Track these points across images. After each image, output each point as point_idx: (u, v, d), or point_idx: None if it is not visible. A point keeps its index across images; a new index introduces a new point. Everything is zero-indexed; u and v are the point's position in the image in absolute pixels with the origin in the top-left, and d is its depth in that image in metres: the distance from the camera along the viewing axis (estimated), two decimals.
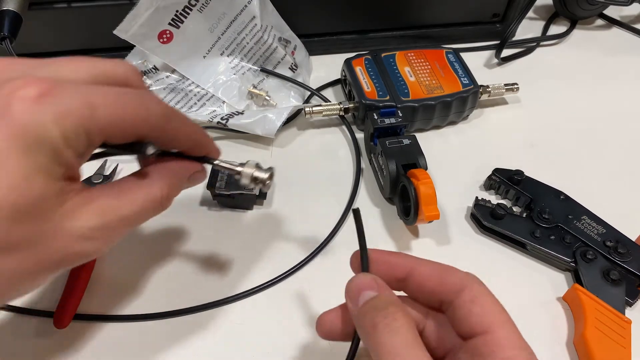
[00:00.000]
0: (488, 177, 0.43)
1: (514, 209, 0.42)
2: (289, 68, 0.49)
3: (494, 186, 0.43)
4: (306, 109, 0.45)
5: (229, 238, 0.39)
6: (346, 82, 0.49)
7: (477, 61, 0.55)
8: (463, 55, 0.50)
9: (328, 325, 0.27)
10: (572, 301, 0.36)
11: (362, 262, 0.27)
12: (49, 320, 0.33)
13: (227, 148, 0.45)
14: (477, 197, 0.41)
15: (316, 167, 0.44)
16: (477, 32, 0.57)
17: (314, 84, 0.51)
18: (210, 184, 0.39)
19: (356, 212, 0.29)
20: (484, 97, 0.49)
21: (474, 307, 0.24)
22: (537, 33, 0.60)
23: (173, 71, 0.47)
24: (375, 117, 0.42)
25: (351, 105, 0.46)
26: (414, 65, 0.48)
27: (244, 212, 0.40)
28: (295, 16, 0.50)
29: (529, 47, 0.57)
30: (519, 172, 0.42)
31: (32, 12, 0.41)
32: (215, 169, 0.39)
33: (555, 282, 0.38)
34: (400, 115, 0.43)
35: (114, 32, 0.42)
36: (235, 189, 0.39)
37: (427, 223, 0.38)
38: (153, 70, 0.47)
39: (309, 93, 0.49)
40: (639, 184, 0.45)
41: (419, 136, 0.42)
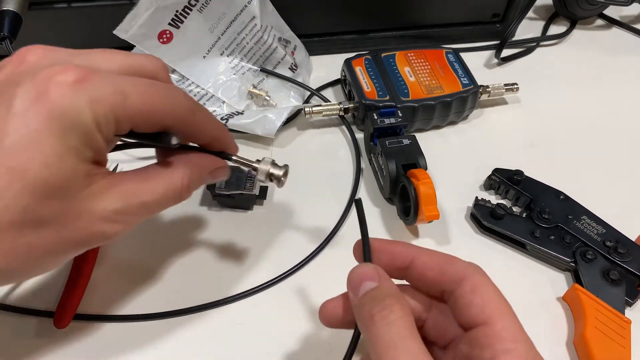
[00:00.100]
0: (488, 177, 0.43)
1: (514, 209, 0.42)
2: (289, 68, 0.49)
3: (493, 186, 0.43)
4: (306, 109, 0.45)
5: (229, 238, 0.39)
6: (346, 82, 0.49)
7: (477, 61, 0.55)
8: (463, 55, 0.50)
9: (330, 312, 0.27)
10: (572, 301, 0.36)
11: (364, 252, 0.27)
12: (49, 320, 0.33)
13: None
14: (477, 197, 0.41)
15: (316, 167, 0.44)
16: (477, 32, 0.57)
17: (314, 84, 0.51)
18: (210, 184, 0.39)
19: (358, 203, 0.29)
20: (484, 97, 0.49)
21: (474, 297, 0.24)
22: (537, 33, 0.60)
23: (173, 71, 0.47)
24: (375, 117, 0.42)
25: (351, 105, 0.46)
26: (414, 65, 0.48)
27: (244, 212, 0.41)
28: (295, 16, 0.50)
29: (529, 47, 0.57)
30: (519, 172, 0.42)
31: (32, 12, 0.41)
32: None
33: (555, 282, 0.38)
34: (400, 115, 0.43)
35: (114, 32, 0.42)
36: (235, 188, 0.39)
37: (427, 223, 0.38)
38: None
39: (309, 93, 0.49)
40: (639, 184, 0.45)
41: (419, 136, 0.42)
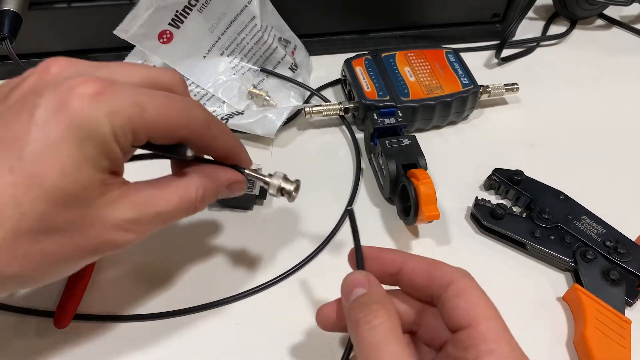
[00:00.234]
0: (488, 177, 0.43)
1: (514, 209, 0.42)
2: (289, 68, 0.49)
3: (494, 186, 0.43)
4: (306, 109, 0.45)
5: (229, 238, 0.39)
6: (346, 82, 0.49)
7: (477, 61, 0.55)
8: (463, 55, 0.50)
9: (325, 317, 0.29)
10: (572, 301, 0.36)
11: (357, 260, 0.28)
12: (49, 320, 0.33)
13: None
14: (477, 197, 0.41)
15: (316, 167, 0.44)
16: (477, 32, 0.57)
17: (314, 84, 0.51)
18: None
19: (350, 213, 0.30)
20: (484, 97, 0.49)
21: (459, 301, 0.25)
22: (537, 33, 0.60)
23: None
24: (375, 117, 0.42)
25: (351, 105, 0.46)
26: (414, 65, 0.48)
27: (244, 212, 0.40)
28: (295, 16, 0.50)
29: (529, 47, 0.57)
30: (519, 172, 0.42)
31: (32, 12, 0.41)
32: None
33: (555, 282, 0.38)
34: (400, 115, 0.43)
35: (114, 32, 0.42)
36: None
37: (427, 223, 0.38)
38: None
39: (309, 93, 0.49)
40: (639, 184, 0.45)
41: (419, 136, 0.42)
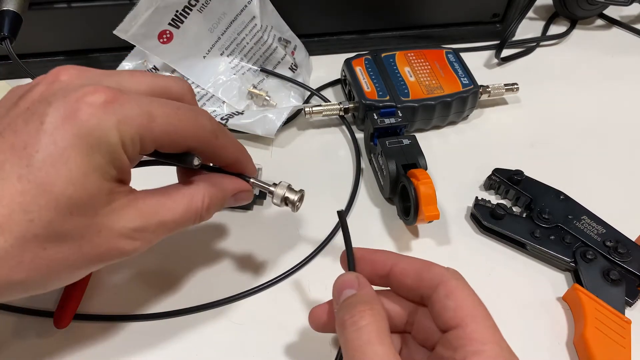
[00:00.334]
0: (488, 177, 0.43)
1: (514, 209, 0.42)
2: (289, 68, 0.49)
3: (494, 186, 0.43)
4: (306, 109, 0.45)
5: (228, 238, 0.39)
6: (346, 82, 0.49)
7: (477, 61, 0.55)
8: (463, 55, 0.50)
9: (317, 318, 0.29)
10: (572, 301, 0.36)
11: (348, 261, 0.28)
12: (49, 320, 0.33)
13: None
14: (477, 197, 0.41)
15: (316, 167, 0.44)
16: (477, 32, 0.57)
17: (314, 84, 0.51)
18: None
19: (341, 214, 0.31)
20: (484, 97, 0.49)
21: (448, 301, 0.25)
22: (537, 33, 0.60)
23: (173, 71, 0.47)
24: (375, 117, 0.42)
25: (351, 105, 0.46)
26: (414, 65, 0.48)
27: (244, 212, 0.40)
28: (295, 16, 0.50)
29: (529, 47, 0.57)
30: (519, 172, 0.42)
31: (32, 12, 0.41)
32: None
33: (555, 282, 0.38)
34: (400, 115, 0.43)
35: (114, 32, 0.42)
36: None
37: (427, 223, 0.38)
38: (153, 70, 0.47)
39: (309, 93, 0.49)
40: (639, 184, 0.45)
41: (419, 136, 0.42)
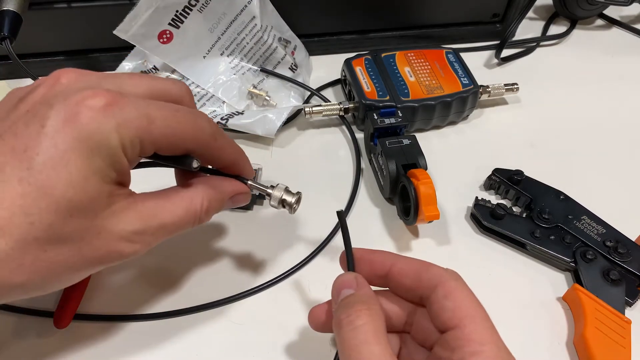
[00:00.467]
0: (488, 177, 0.43)
1: (514, 209, 0.42)
2: (289, 68, 0.49)
3: (494, 186, 0.43)
4: (306, 109, 0.45)
5: (229, 238, 0.39)
6: (346, 82, 0.49)
7: (477, 61, 0.55)
8: (463, 55, 0.50)
9: (316, 318, 0.29)
10: (572, 301, 0.36)
11: (347, 261, 0.28)
12: (49, 320, 0.33)
13: None
14: (477, 197, 0.41)
15: (316, 167, 0.44)
16: (477, 32, 0.57)
17: (314, 84, 0.51)
18: None
19: (340, 214, 0.31)
20: (484, 97, 0.49)
21: (446, 302, 0.25)
22: (537, 33, 0.60)
23: (173, 71, 0.47)
24: (375, 117, 0.42)
25: (351, 105, 0.46)
26: (414, 65, 0.48)
27: (244, 212, 0.40)
28: (295, 16, 0.50)
29: (529, 47, 0.57)
30: (519, 172, 0.42)
31: (32, 12, 0.41)
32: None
33: (555, 282, 0.38)
34: (400, 115, 0.43)
35: (114, 32, 0.42)
36: None
37: (427, 223, 0.38)
38: (153, 70, 0.47)
39: (309, 93, 0.49)
40: (639, 184, 0.45)
41: (419, 136, 0.42)
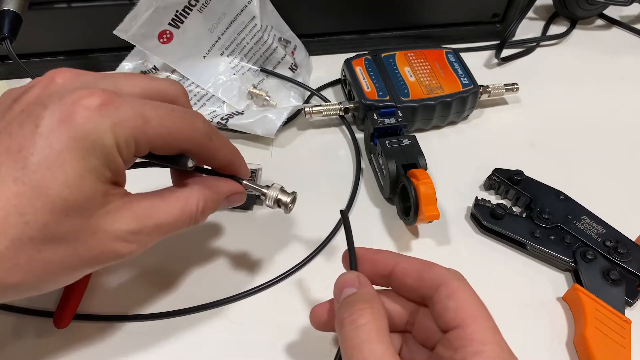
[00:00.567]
0: (488, 177, 0.43)
1: (514, 209, 0.42)
2: (289, 68, 0.49)
3: (494, 186, 0.43)
4: (306, 109, 0.45)
5: (228, 238, 0.39)
6: (346, 82, 0.49)
7: (477, 61, 0.55)
8: (463, 55, 0.50)
9: (317, 316, 0.29)
10: (572, 301, 0.36)
11: (350, 260, 0.28)
12: (49, 320, 0.33)
13: None
14: (477, 197, 0.41)
15: (316, 167, 0.44)
16: (477, 32, 0.57)
17: (314, 84, 0.51)
18: None
19: (343, 213, 0.31)
20: (484, 97, 0.49)
21: (449, 302, 0.25)
22: (537, 33, 0.60)
23: (173, 71, 0.47)
24: (375, 117, 0.42)
25: (351, 105, 0.46)
26: (414, 65, 0.48)
27: (244, 212, 0.40)
28: (295, 16, 0.50)
29: (529, 47, 0.57)
30: (519, 172, 0.42)
31: (32, 12, 0.41)
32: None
33: (555, 282, 0.38)
34: (400, 115, 0.43)
35: (114, 32, 0.42)
36: None
37: (427, 223, 0.38)
38: (153, 70, 0.47)
39: (309, 93, 0.49)
40: (639, 184, 0.45)
41: (419, 136, 0.42)
